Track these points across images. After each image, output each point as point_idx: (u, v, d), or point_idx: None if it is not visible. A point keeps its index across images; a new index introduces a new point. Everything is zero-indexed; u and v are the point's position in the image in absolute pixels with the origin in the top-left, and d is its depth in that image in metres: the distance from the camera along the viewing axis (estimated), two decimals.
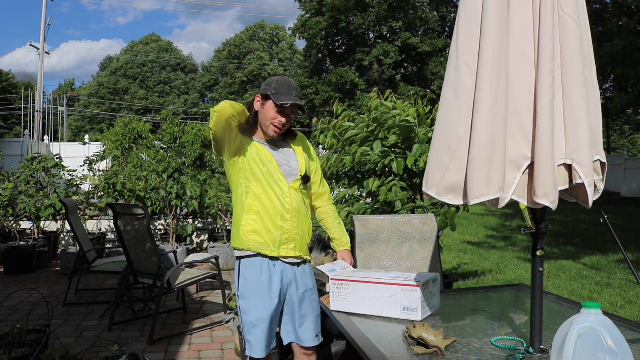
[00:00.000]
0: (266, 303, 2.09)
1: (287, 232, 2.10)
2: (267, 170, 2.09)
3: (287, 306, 2.17)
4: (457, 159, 1.40)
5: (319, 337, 2.22)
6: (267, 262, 2.11)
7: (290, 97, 2.05)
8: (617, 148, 34.06)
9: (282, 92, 2.07)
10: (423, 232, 2.86)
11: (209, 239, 7.77)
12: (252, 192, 2.10)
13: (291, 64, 41.12)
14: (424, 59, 25.45)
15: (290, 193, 2.11)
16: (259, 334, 2.08)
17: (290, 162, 2.17)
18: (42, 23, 20.21)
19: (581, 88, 1.42)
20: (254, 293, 2.10)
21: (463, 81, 1.40)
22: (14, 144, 13.40)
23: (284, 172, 2.12)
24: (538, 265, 1.54)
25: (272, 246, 2.09)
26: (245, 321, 2.12)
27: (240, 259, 2.15)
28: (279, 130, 2.11)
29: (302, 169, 2.17)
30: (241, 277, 2.14)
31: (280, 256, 2.11)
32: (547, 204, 1.38)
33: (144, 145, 10.19)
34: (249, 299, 2.11)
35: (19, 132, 20.89)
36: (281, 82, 2.11)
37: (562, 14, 1.42)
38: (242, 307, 2.13)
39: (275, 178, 2.10)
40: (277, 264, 2.12)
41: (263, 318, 2.08)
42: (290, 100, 2.04)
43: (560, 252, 7.56)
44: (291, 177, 2.14)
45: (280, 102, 2.04)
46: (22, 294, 5.15)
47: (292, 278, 2.15)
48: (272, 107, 2.08)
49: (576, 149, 1.42)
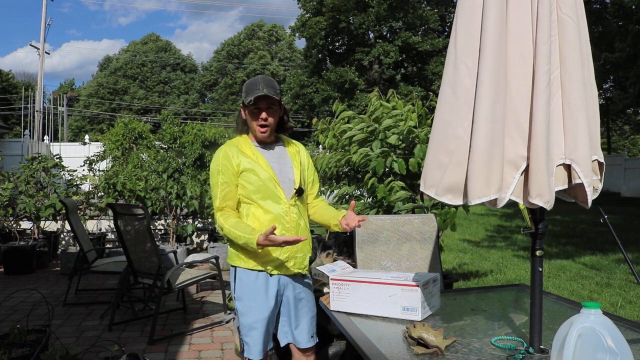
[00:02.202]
0: (263, 305, 2.09)
1: (287, 251, 2.09)
2: (266, 188, 2.07)
3: (283, 307, 2.17)
4: (456, 159, 1.40)
5: (314, 338, 2.22)
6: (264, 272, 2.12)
7: (257, 92, 2.03)
8: (617, 148, 34.05)
9: (249, 91, 2.05)
10: (423, 232, 2.86)
11: (209, 239, 7.77)
12: (252, 213, 2.10)
13: (291, 63, 41.09)
14: (424, 58, 25.43)
15: (290, 211, 2.11)
16: (257, 336, 2.08)
17: (287, 169, 2.16)
18: (42, 23, 20.21)
19: (580, 88, 1.42)
20: (250, 295, 2.10)
21: (461, 81, 1.40)
22: (14, 144, 13.40)
23: (282, 182, 2.11)
24: (537, 265, 1.54)
25: (272, 265, 2.10)
26: (243, 323, 2.12)
27: (236, 267, 2.16)
28: (265, 129, 2.09)
29: (297, 182, 2.15)
30: (237, 280, 2.14)
31: (279, 274, 2.12)
32: (541, 204, 1.38)
33: (144, 145, 10.19)
34: (246, 301, 2.11)
35: (19, 132, 20.87)
36: (249, 83, 2.10)
37: (561, 14, 1.42)
38: (239, 309, 2.13)
39: (276, 195, 2.08)
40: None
41: (260, 320, 2.08)
42: (253, 95, 2.02)
43: (560, 252, 7.56)
44: (289, 188, 2.12)
45: (247, 101, 2.04)
46: (22, 294, 5.15)
47: (288, 280, 2.15)
48: (249, 110, 2.09)
49: (575, 148, 1.42)
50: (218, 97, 42.48)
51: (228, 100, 41.26)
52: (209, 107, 43.45)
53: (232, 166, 2.08)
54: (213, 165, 2.12)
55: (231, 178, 2.08)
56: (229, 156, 2.09)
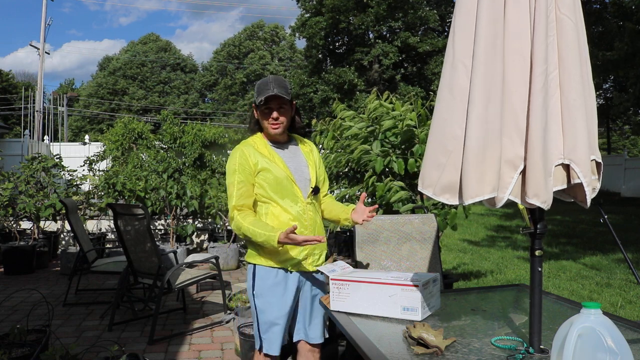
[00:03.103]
0: (282, 301, 2.12)
1: (305, 248, 2.14)
2: (283, 187, 2.10)
3: (300, 304, 2.21)
4: (454, 158, 1.40)
5: (326, 334, 2.27)
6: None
7: (268, 92, 2.05)
8: (618, 148, 34.05)
9: (260, 91, 2.08)
10: (423, 232, 2.86)
11: (209, 239, 7.77)
12: (272, 212, 2.13)
13: (291, 64, 41.07)
14: (424, 58, 25.45)
15: (307, 209, 2.15)
16: (278, 332, 2.12)
17: (302, 167, 2.19)
18: (42, 23, 20.23)
19: (579, 88, 1.42)
20: (271, 292, 2.13)
21: (459, 81, 1.40)
22: (14, 144, 13.41)
23: (298, 181, 2.14)
24: (537, 265, 1.54)
25: (291, 263, 2.14)
26: (262, 320, 2.14)
27: (255, 265, 2.18)
28: (276, 126, 2.12)
29: (312, 181, 2.19)
30: (256, 277, 2.16)
31: (298, 271, 2.16)
32: (538, 203, 1.38)
33: (143, 145, 10.19)
34: (266, 298, 2.13)
35: (19, 132, 20.88)
36: (261, 83, 2.13)
37: (560, 14, 1.42)
38: (259, 306, 2.15)
39: (293, 194, 2.12)
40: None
41: (281, 316, 2.12)
42: (264, 95, 2.05)
43: (560, 252, 7.56)
44: (305, 186, 2.16)
45: (258, 101, 2.07)
46: (22, 294, 5.15)
47: (306, 277, 2.20)
48: (260, 110, 2.12)
49: (574, 148, 1.43)
50: (218, 97, 42.46)
51: (228, 101, 41.25)
52: (209, 107, 43.46)
53: (249, 165, 2.10)
54: (229, 165, 2.14)
55: (248, 177, 2.10)
56: (246, 155, 2.11)
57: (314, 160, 2.24)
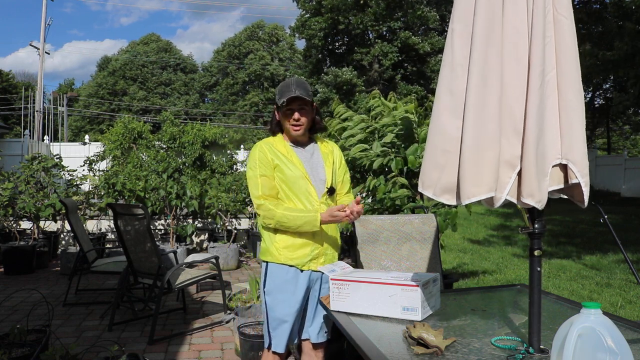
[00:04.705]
0: (292, 299, 2.14)
1: (317, 247, 2.16)
2: (298, 186, 2.13)
3: (310, 303, 2.23)
4: (453, 159, 1.41)
5: (328, 334, 2.28)
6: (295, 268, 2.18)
7: (290, 93, 2.10)
8: (617, 148, 34.05)
9: (282, 93, 2.13)
10: (423, 232, 2.86)
11: (209, 239, 7.77)
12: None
13: (291, 64, 41.05)
14: (424, 58, 25.43)
15: (321, 209, 2.16)
16: (287, 329, 2.14)
17: (318, 168, 2.22)
18: (42, 23, 20.23)
19: (576, 88, 1.43)
20: (281, 289, 2.15)
21: (457, 82, 1.40)
22: (14, 144, 13.41)
23: (314, 181, 2.17)
24: (536, 265, 1.54)
25: (303, 261, 2.15)
26: (272, 317, 2.16)
27: (268, 262, 2.20)
28: (298, 127, 2.16)
29: (328, 182, 2.20)
30: (268, 274, 2.18)
31: (309, 270, 2.18)
32: (533, 203, 1.39)
33: (143, 145, 10.19)
34: (276, 295, 2.15)
35: (19, 132, 20.87)
36: (282, 85, 2.18)
37: (557, 15, 1.42)
38: (269, 303, 2.17)
39: (307, 193, 2.14)
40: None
41: (291, 313, 2.13)
42: (285, 97, 2.09)
43: (560, 252, 7.56)
44: (320, 186, 2.18)
45: (280, 102, 2.12)
46: (22, 294, 5.15)
47: (317, 276, 2.21)
48: (282, 111, 2.16)
49: (571, 148, 1.44)
50: (218, 97, 42.43)
51: (228, 101, 41.23)
52: (209, 107, 43.43)
53: (267, 160, 2.14)
54: (250, 161, 2.19)
55: (268, 171, 2.14)
56: (264, 150, 2.16)
57: (332, 161, 2.27)
